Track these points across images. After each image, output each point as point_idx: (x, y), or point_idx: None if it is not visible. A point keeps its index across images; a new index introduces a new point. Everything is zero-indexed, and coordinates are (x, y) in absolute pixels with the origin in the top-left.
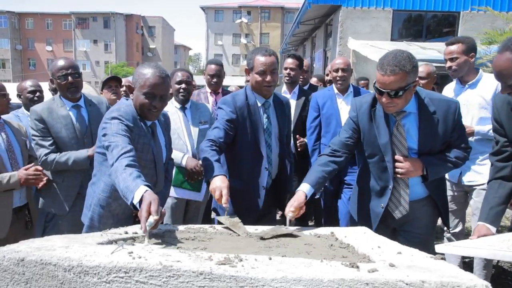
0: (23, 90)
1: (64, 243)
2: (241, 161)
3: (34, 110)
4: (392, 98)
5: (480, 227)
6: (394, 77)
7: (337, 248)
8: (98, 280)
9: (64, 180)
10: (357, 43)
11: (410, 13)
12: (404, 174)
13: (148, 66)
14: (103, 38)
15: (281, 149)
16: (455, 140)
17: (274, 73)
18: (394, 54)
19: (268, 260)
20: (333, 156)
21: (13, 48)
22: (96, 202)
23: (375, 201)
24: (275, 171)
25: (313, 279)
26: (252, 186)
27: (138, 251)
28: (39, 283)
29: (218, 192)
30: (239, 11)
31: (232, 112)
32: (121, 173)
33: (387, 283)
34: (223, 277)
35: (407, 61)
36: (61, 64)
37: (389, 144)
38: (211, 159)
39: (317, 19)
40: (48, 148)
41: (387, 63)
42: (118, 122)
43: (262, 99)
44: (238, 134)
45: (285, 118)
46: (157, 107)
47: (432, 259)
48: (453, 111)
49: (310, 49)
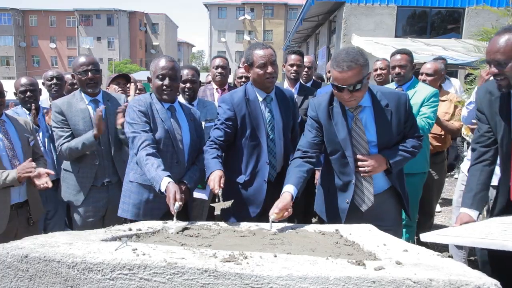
0: (17, 88)
1: (67, 239)
2: (243, 156)
3: (55, 103)
4: (352, 93)
5: (462, 215)
6: (351, 72)
7: (342, 245)
8: (102, 277)
9: (80, 171)
10: (361, 40)
11: (414, 9)
12: (370, 171)
13: (159, 57)
14: (107, 35)
15: (286, 143)
16: (408, 130)
17: (274, 64)
18: (346, 51)
19: (273, 258)
20: (305, 157)
21: (17, 46)
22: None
23: (340, 197)
24: (280, 164)
25: (319, 277)
26: (254, 180)
27: (142, 248)
28: (42, 279)
29: (212, 183)
30: (242, 8)
31: (230, 109)
32: (145, 164)
33: (394, 281)
34: (228, 275)
35: (359, 56)
36: (82, 60)
37: (348, 139)
38: (209, 158)
39: (321, 16)
40: (66, 139)
41: (342, 59)
42: (133, 110)
43: (263, 93)
44: (239, 129)
45: (289, 111)
46: (168, 85)
47: (439, 257)
48: (403, 102)
49: (314, 46)
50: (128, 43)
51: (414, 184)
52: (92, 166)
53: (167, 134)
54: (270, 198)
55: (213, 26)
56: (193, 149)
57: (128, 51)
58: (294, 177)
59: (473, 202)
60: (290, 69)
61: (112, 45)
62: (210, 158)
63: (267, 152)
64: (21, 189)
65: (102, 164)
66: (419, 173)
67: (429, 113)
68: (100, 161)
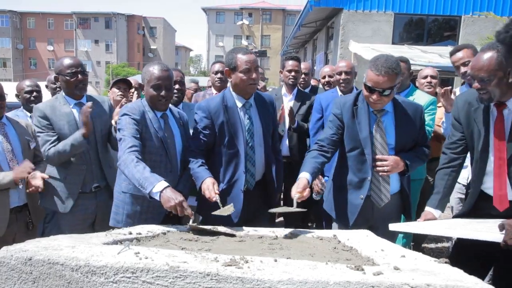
0: (21, 90)
1: (70, 242)
2: (221, 164)
3: (37, 108)
4: (381, 96)
5: (427, 213)
6: (388, 77)
7: (340, 251)
8: (105, 280)
9: (67, 177)
10: (358, 46)
11: (411, 17)
12: (389, 171)
13: (153, 64)
14: (104, 38)
15: (267, 149)
16: (420, 139)
17: (257, 70)
18: (386, 57)
19: (273, 262)
20: (321, 150)
21: (15, 48)
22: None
23: (354, 194)
24: (261, 172)
25: (319, 281)
26: (232, 190)
27: (144, 251)
28: (46, 282)
29: (208, 192)
30: (241, 13)
31: (206, 117)
32: (135, 166)
33: (393, 286)
34: (230, 278)
35: (397, 65)
36: (70, 62)
37: (369, 138)
38: (195, 167)
39: (319, 22)
40: (52, 143)
41: (382, 64)
42: (127, 117)
43: (242, 99)
44: (217, 137)
45: (269, 117)
46: (164, 96)
47: (436, 263)
48: (419, 113)
49: (312, 51)
50: (126, 47)
51: (412, 190)
52: (79, 171)
53: (161, 143)
54: (248, 207)
55: (211, 30)
56: (184, 157)
57: (126, 55)
58: (310, 166)
59: (438, 204)
60: (288, 75)
61: (110, 48)
62: (196, 167)
63: (244, 161)
64: (21, 192)
65: (89, 169)
66: (417, 179)
67: (428, 121)
68: (88, 166)
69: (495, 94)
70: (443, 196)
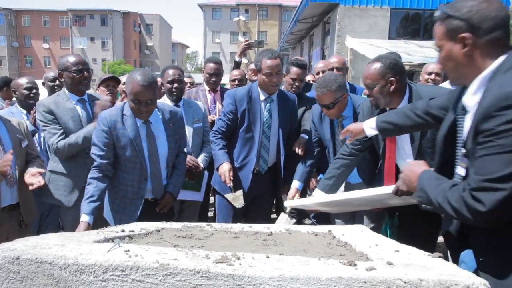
0: (19, 86)
1: (59, 241)
2: (237, 145)
3: (41, 103)
4: (328, 110)
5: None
6: (324, 96)
7: (335, 246)
8: (94, 279)
9: (71, 171)
10: (355, 41)
11: (407, 11)
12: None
13: (136, 74)
14: (100, 35)
15: (279, 142)
16: None
17: (279, 74)
18: (324, 77)
19: (265, 259)
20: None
21: (10, 46)
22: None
23: None
24: (273, 160)
25: (310, 277)
26: (243, 169)
27: (134, 249)
28: (34, 281)
29: (223, 177)
30: (237, 9)
31: (231, 103)
32: (88, 184)
33: (385, 281)
34: (221, 276)
35: (333, 82)
36: (77, 59)
37: (331, 140)
38: (216, 149)
39: (315, 17)
40: (60, 136)
41: (319, 85)
42: (98, 129)
43: (265, 94)
44: (239, 122)
45: (287, 114)
46: (144, 111)
47: (430, 258)
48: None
49: (308, 47)
50: (122, 44)
51: None
52: (84, 165)
53: (135, 151)
54: (255, 187)
55: (207, 27)
56: (171, 158)
57: (122, 52)
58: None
59: (326, 188)
60: (292, 83)
61: (106, 45)
62: (217, 149)
63: (258, 146)
64: (13, 191)
65: None
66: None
67: None
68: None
69: (380, 100)
70: (334, 184)
